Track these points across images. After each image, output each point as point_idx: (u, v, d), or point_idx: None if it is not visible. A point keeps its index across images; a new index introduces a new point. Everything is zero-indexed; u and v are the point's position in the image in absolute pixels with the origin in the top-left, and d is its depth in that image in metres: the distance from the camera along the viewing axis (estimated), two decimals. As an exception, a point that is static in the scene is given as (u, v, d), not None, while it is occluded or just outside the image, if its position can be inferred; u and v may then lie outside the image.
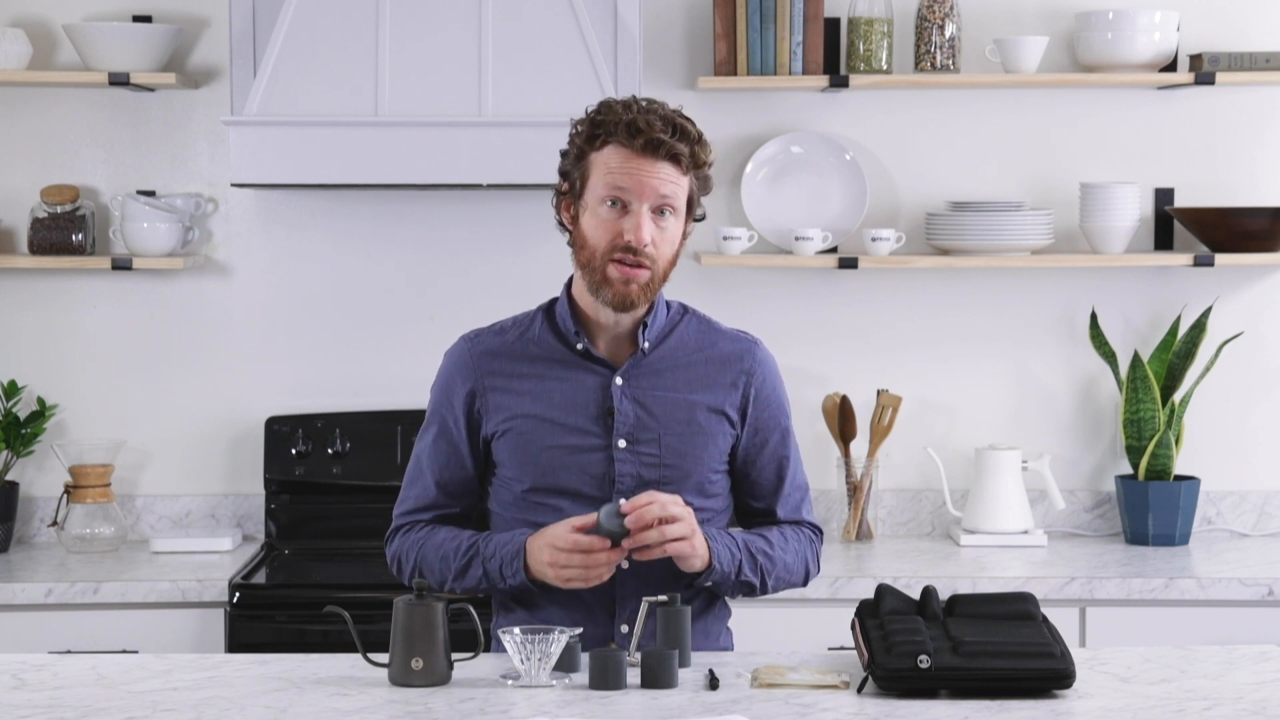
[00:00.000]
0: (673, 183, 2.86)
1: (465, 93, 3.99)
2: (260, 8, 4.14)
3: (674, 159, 2.85)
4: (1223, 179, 4.45)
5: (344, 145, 3.97)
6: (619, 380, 2.95)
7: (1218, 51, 4.27)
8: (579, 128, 2.91)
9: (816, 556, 3.07)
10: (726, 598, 3.03)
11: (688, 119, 2.89)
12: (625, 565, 2.92)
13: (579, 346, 2.95)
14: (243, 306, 4.42)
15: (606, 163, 2.86)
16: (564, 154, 2.94)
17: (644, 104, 2.89)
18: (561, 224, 2.96)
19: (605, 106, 2.89)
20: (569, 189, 2.93)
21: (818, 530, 3.09)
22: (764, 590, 2.98)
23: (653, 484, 2.93)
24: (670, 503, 2.82)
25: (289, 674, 2.79)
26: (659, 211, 2.87)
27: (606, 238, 2.87)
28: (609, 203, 2.87)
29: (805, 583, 3.07)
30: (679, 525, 2.82)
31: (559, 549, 2.82)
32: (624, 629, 2.92)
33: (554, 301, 3.02)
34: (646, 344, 2.96)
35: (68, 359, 4.40)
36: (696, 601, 2.98)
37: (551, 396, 2.94)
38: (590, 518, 2.82)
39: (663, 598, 2.82)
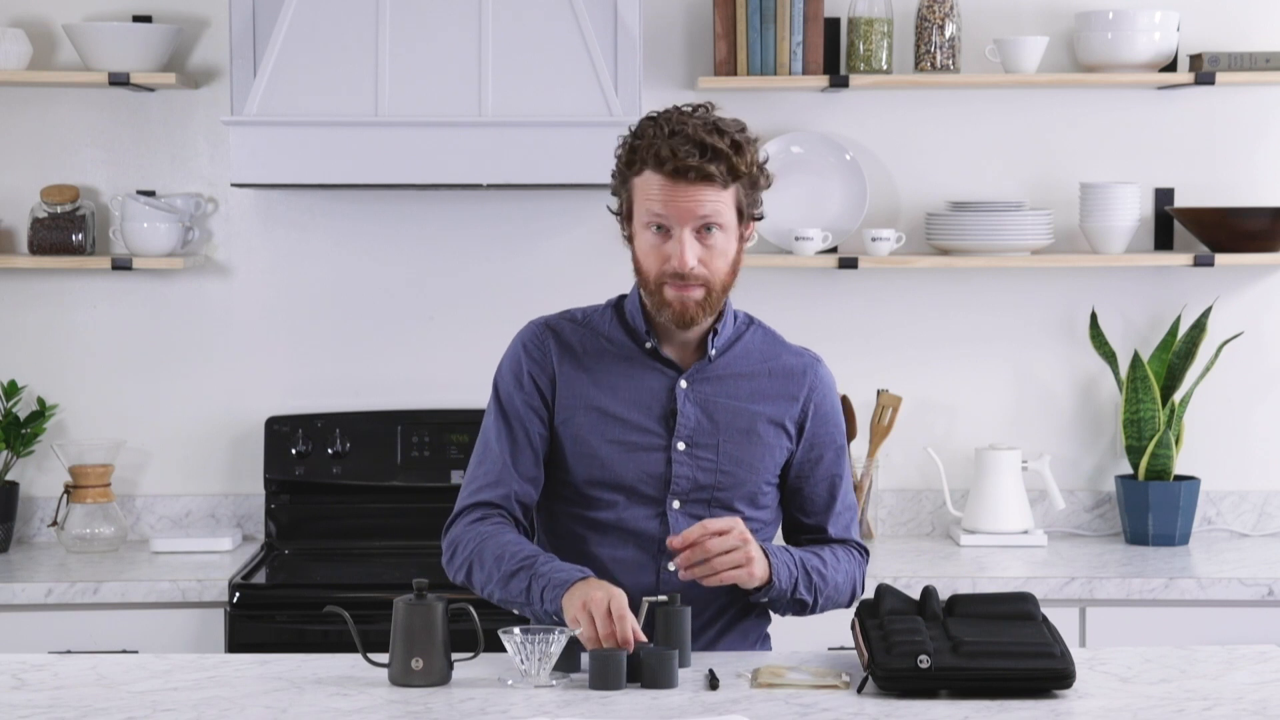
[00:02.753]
0: (712, 201, 2.84)
1: (465, 93, 3.99)
2: (260, 8, 4.14)
3: (708, 179, 2.83)
4: (1223, 179, 4.45)
5: (344, 145, 3.97)
6: (684, 383, 2.95)
7: (1218, 51, 4.28)
8: (620, 151, 2.90)
9: (862, 578, 3.05)
10: (778, 614, 3.01)
11: (722, 129, 2.85)
12: (672, 568, 2.92)
13: (648, 345, 2.96)
14: (243, 306, 4.42)
15: (645, 189, 2.86)
16: (613, 175, 2.93)
17: (676, 124, 2.84)
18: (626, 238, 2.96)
19: (641, 129, 2.87)
20: (621, 210, 2.93)
21: (864, 551, 3.08)
22: (814, 610, 2.97)
23: (707, 488, 2.94)
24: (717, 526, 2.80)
25: (289, 674, 2.79)
26: (705, 228, 2.86)
27: (656, 264, 2.88)
28: (653, 228, 2.87)
29: (850, 603, 3.03)
30: (728, 538, 2.79)
31: (601, 599, 2.71)
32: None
33: (622, 298, 3.03)
34: (714, 350, 2.96)
35: (68, 359, 4.40)
36: (736, 606, 2.98)
37: (616, 391, 2.94)
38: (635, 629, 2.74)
39: (663, 598, 2.82)
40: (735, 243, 2.91)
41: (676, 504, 2.94)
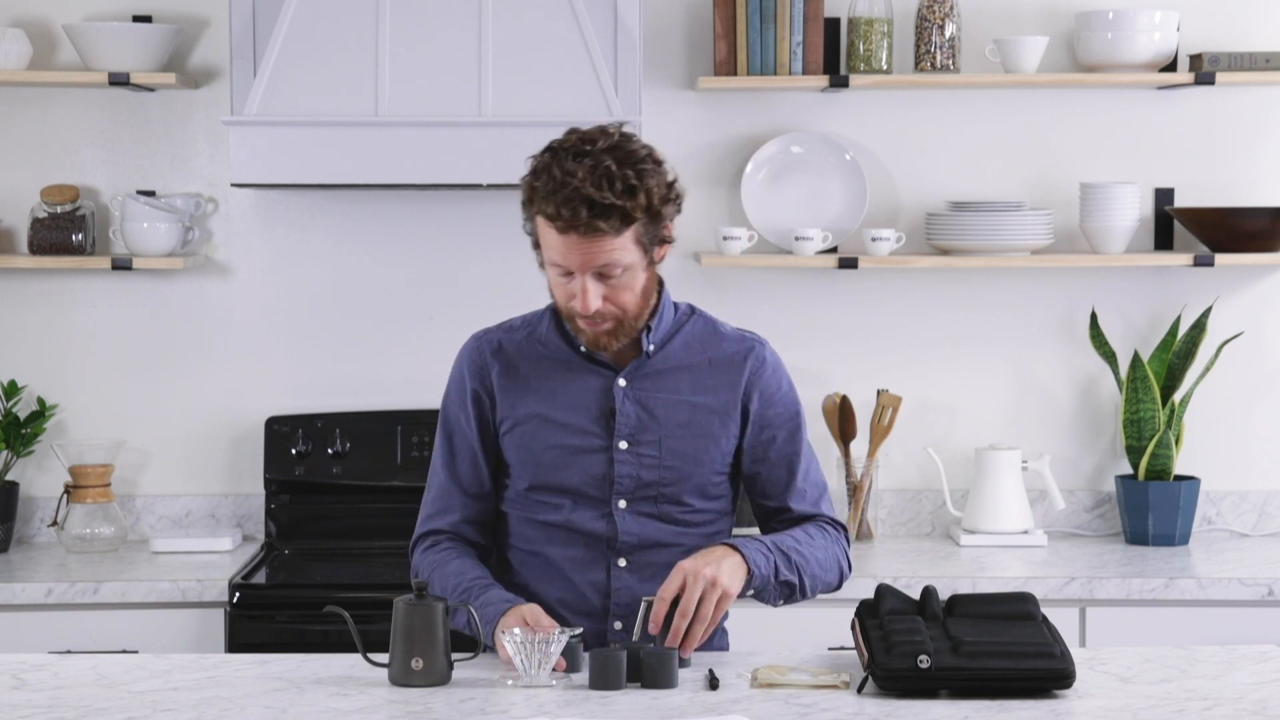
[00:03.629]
0: (608, 250, 2.80)
1: (465, 93, 3.99)
2: (260, 8, 4.14)
3: (600, 233, 2.79)
4: (1223, 179, 4.45)
5: (344, 145, 3.97)
6: (622, 382, 2.95)
7: (1218, 51, 4.28)
8: (521, 182, 2.87)
9: (845, 553, 3.02)
10: (771, 605, 2.97)
11: (611, 178, 2.77)
12: (622, 564, 2.93)
13: (582, 348, 2.96)
14: (243, 306, 4.42)
15: (544, 233, 2.85)
16: (521, 201, 2.90)
17: (566, 173, 2.77)
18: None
19: (538, 169, 2.82)
20: (531, 235, 2.91)
21: (840, 525, 3.04)
22: (804, 591, 2.93)
23: (653, 485, 2.94)
24: (663, 599, 2.79)
25: (289, 674, 2.79)
26: (607, 269, 2.83)
27: (562, 299, 2.89)
28: (555, 269, 2.86)
29: (840, 583, 3.02)
30: (692, 590, 2.77)
31: (520, 616, 2.81)
32: (617, 625, 2.93)
33: None
34: (651, 346, 2.96)
35: (68, 359, 4.40)
36: None
37: (556, 396, 2.95)
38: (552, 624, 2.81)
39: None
40: (643, 272, 2.88)
41: (623, 503, 2.94)
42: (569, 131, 2.86)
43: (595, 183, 2.77)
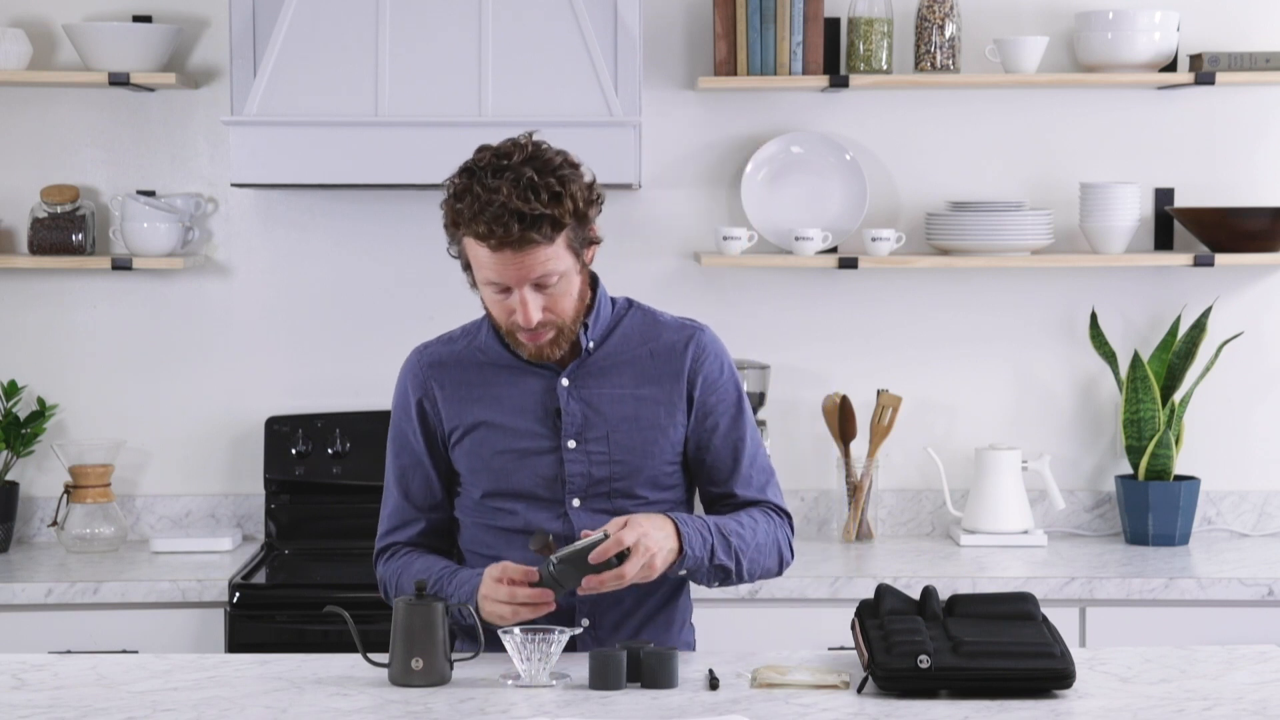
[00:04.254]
0: (543, 261, 2.82)
1: (465, 93, 3.99)
2: (260, 8, 4.14)
3: (533, 244, 2.80)
4: (1223, 179, 4.45)
5: (344, 145, 3.98)
6: (565, 381, 2.96)
7: (1218, 51, 4.28)
8: (443, 205, 2.86)
9: (788, 541, 3.03)
10: (704, 586, 2.98)
11: (536, 188, 2.78)
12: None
13: (523, 355, 2.96)
14: (243, 306, 4.42)
15: (474, 253, 2.85)
16: (444, 226, 2.90)
17: (490, 191, 2.77)
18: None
19: (459, 190, 2.82)
20: (459, 258, 2.91)
21: (784, 513, 3.05)
22: (740, 576, 2.94)
23: (605, 481, 2.95)
24: (620, 541, 2.78)
25: (289, 674, 2.79)
26: (542, 281, 2.84)
27: (502, 316, 2.90)
28: (492, 286, 2.86)
29: (781, 570, 3.03)
30: (633, 563, 2.78)
31: (493, 578, 2.82)
32: (585, 622, 2.93)
33: None
34: (591, 344, 2.97)
35: (68, 359, 4.40)
36: (660, 592, 2.99)
37: (500, 402, 2.97)
38: (532, 572, 2.81)
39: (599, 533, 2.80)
40: (577, 276, 2.89)
41: (576, 502, 2.95)
42: (480, 149, 2.86)
43: (521, 195, 2.78)
